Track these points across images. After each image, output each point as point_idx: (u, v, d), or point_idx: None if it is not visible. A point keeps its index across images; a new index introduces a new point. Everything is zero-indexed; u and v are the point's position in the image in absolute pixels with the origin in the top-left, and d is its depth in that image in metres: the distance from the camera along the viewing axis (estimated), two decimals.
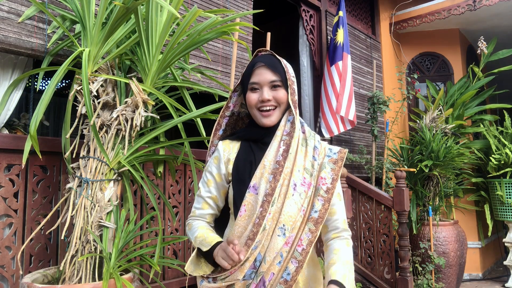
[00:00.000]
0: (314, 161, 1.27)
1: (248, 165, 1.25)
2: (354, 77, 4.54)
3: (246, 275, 1.18)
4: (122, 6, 1.51)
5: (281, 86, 1.26)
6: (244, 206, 1.21)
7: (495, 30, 5.29)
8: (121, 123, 1.64)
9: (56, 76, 1.52)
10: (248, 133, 1.33)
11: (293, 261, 1.17)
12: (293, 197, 1.21)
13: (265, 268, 1.17)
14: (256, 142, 1.30)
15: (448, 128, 4.34)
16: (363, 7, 5.00)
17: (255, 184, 1.22)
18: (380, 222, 3.31)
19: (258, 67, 1.27)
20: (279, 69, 1.27)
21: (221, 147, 1.32)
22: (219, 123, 1.37)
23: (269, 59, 1.28)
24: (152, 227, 2.20)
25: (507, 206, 4.36)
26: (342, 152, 1.31)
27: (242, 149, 1.30)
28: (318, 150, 1.29)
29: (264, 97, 1.24)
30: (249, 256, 1.17)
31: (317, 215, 1.22)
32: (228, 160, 1.30)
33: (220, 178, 1.31)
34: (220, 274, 1.18)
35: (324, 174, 1.26)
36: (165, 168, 2.30)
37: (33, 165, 1.80)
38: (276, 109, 1.27)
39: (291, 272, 1.17)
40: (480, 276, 4.81)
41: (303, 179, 1.23)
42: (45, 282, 1.62)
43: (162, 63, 1.70)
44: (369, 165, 4.23)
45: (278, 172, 1.20)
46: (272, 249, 1.18)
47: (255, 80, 1.26)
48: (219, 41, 2.85)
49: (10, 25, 1.76)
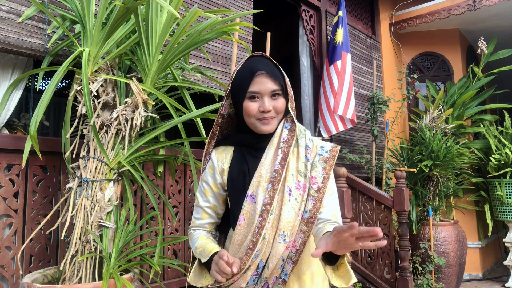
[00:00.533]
0: (307, 162, 1.23)
1: (242, 176, 1.24)
2: (354, 77, 4.53)
3: (250, 282, 1.18)
4: (122, 6, 1.51)
5: (281, 94, 1.22)
6: (242, 215, 1.21)
7: (495, 30, 5.29)
8: (121, 123, 1.64)
9: (56, 76, 1.52)
10: (241, 139, 1.29)
11: (289, 262, 1.19)
12: (290, 203, 1.18)
13: (268, 273, 1.18)
14: (249, 147, 1.27)
15: (448, 128, 4.34)
16: (363, 7, 5.00)
17: (253, 193, 1.20)
18: (380, 222, 3.31)
19: (259, 74, 1.19)
20: (279, 76, 1.22)
21: (214, 156, 1.30)
22: (213, 131, 1.34)
23: (268, 66, 1.22)
24: (152, 227, 2.20)
25: (507, 206, 4.36)
26: (334, 150, 1.26)
27: (235, 158, 1.28)
28: (310, 149, 1.25)
29: (266, 108, 1.19)
30: (250, 265, 1.17)
31: (307, 215, 1.19)
32: (223, 171, 1.28)
33: (217, 188, 1.29)
34: (224, 283, 1.17)
35: (314, 173, 1.22)
36: (165, 168, 2.30)
37: (33, 165, 1.80)
38: (275, 118, 1.23)
39: (288, 272, 1.18)
40: (480, 276, 4.81)
41: (297, 182, 1.21)
42: (45, 282, 1.61)
43: (162, 63, 1.70)
44: (369, 165, 4.23)
45: (276, 181, 1.18)
46: (274, 255, 1.18)
47: (255, 89, 1.19)
48: (219, 41, 2.85)
49: (10, 25, 1.76)
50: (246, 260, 1.16)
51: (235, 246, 1.22)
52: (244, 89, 1.21)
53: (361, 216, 3.42)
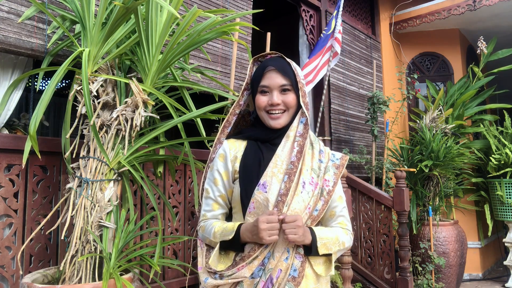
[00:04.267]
0: (320, 163, 1.31)
1: (257, 163, 1.26)
2: (354, 77, 4.54)
3: (255, 273, 1.18)
4: (122, 6, 1.51)
5: (291, 90, 1.28)
6: (252, 203, 1.22)
7: (495, 30, 5.29)
8: (121, 123, 1.64)
9: (56, 76, 1.52)
10: (256, 133, 1.34)
11: (297, 257, 1.20)
12: (302, 195, 1.23)
13: (273, 264, 1.18)
14: (264, 142, 1.31)
15: (448, 128, 4.34)
16: (363, 7, 5.00)
17: (265, 182, 1.22)
18: (380, 222, 3.31)
19: (269, 70, 1.29)
20: (289, 72, 1.29)
21: (227, 145, 1.33)
22: (228, 120, 1.39)
23: (279, 62, 1.30)
24: (152, 227, 2.19)
25: (507, 206, 4.36)
26: (344, 159, 1.37)
27: (249, 148, 1.31)
28: (324, 153, 1.34)
29: (274, 101, 1.27)
30: (258, 255, 1.18)
31: (316, 214, 1.26)
32: (235, 158, 1.30)
33: (227, 177, 1.31)
34: (228, 271, 1.18)
35: (328, 176, 1.30)
36: (165, 168, 2.30)
37: (33, 165, 1.80)
38: (285, 113, 1.29)
39: (297, 268, 1.19)
40: (480, 276, 4.81)
41: (311, 178, 1.27)
42: (45, 282, 1.61)
43: (162, 63, 1.70)
44: (369, 165, 4.23)
45: (292, 173, 1.22)
46: (280, 245, 1.19)
47: (265, 83, 1.29)
48: (219, 41, 2.85)
49: (10, 25, 1.76)
50: (257, 249, 1.18)
51: None
52: (257, 83, 1.31)
53: (361, 216, 3.42)
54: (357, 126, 4.51)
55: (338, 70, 4.29)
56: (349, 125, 4.39)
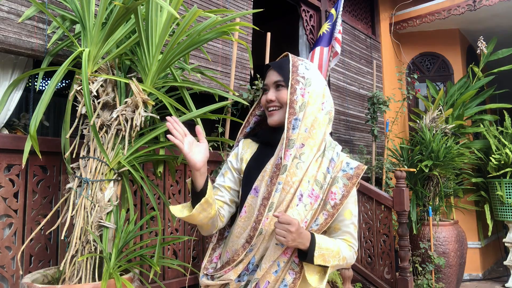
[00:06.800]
0: (327, 174, 1.22)
1: (256, 169, 1.26)
2: (354, 77, 4.54)
3: (240, 276, 1.20)
4: (122, 6, 1.51)
5: (284, 86, 1.25)
6: (245, 208, 1.22)
7: (495, 30, 5.29)
8: (121, 123, 1.64)
9: (56, 76, 1.52)
10: (262, 135, 1.36)
11: (290, 273, 1.16)
12: (297, 208, 1.17)
13: (260, 275, 1.16)
14: (267, 145, 1.31)
15: (448, 128, 4.34)
16: (363, 7, 5.00)
17: (257, 186, 1.23)
18: (380, 222, 3.31)
19: (268, 70, 1.32)
20: (285, 69, 1.26)
21: (241, 144, 1.36)
22: (248, 120, 1.41)
23: (279, 60, 1.32)
24: (152, 227, 2.19)
25: (507, 206, 4.36)
26: (360, 169, 1.24)
27: (257, 152, 1.32)
28: (334, 163, 1.24)
29: (267, 98, 1.28)
30: (243, 258, 1.18)
31: (316, 228, 1.19)
32: (242, 159, 1.33)
33: (235, 172, 1.34)
34: (217, 273, 1.21)
35: (335, 189, 1.21)
36: (165, 168, 2.30)
37: (33, 165, 1.80)
38: (280, 110, 1.27)
39: (288, 284, 1.14)
40: (480, 276, 4.81)
41: (311, 190, 1.19)
42: (45, 282, 1.61)
43: (162, 63, 1.70)
44: (369, 165, 4.23)
45: (275, 176, 1.18)
46: (269, 257, 1.16)
47: (265, 82, 1.32)
48: (219, 41, 2.85)
49: (10, 25, 1.76)
50: (241, 253, 1.18)
51: (233, 238, 1.23)
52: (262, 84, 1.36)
53: (361, 216, 3.42)
54: (357, 126, 4.51)
55: (338, 70, 4.29)
56: (349, 125, 4.39)
